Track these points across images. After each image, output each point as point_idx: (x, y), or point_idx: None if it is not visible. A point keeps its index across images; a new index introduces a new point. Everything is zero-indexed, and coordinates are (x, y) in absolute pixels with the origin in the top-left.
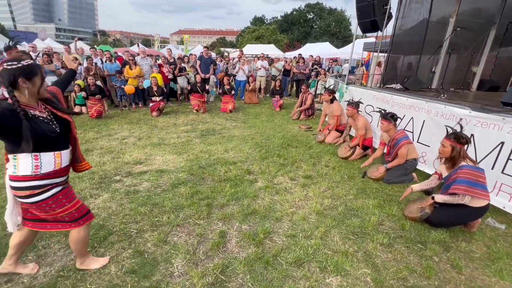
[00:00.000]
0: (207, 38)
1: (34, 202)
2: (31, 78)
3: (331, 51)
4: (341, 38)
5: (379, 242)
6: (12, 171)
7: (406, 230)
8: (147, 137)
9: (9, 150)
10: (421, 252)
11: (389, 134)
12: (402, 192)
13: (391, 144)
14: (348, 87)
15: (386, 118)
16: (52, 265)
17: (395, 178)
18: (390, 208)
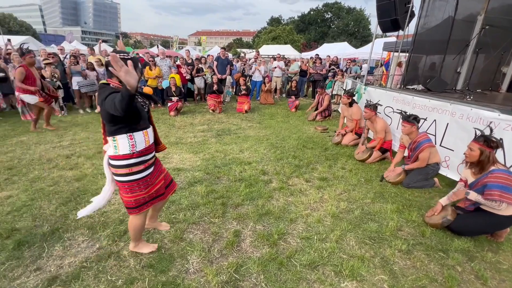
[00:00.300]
0: (224, 39)
1: (127, 181)
2: (137, 67)
3: (349, 51)
4: (359, 38)
5: (397, 248)
6: (113, 152)
7: (427, 237)
8: (165, 136)
9: (110, 133)
10: (443, 260)
11: (410, 137)
12: (423, 197)
13: (412, 147)
14: (366, 88)
15: (408, 120)
16: (76, 256)
17: (416, 182)
18: (409, 214)
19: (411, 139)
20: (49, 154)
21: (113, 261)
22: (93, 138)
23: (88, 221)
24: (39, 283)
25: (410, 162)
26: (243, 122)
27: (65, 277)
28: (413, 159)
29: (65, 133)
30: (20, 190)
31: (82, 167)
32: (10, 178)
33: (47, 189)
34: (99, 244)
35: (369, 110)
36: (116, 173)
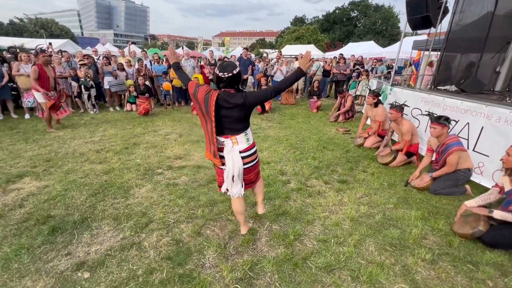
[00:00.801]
0: (247, 39)
1: (252, 165)
2: None
3: (375, 50)
4: (387, 37)
5: (421, 257)
6: (247, 144)
7: (454, 247)
8: (188, 134)
9: (242, 129)
10: (472, 273)
11: (439, 139)
12: (452, 205)
13: (440, 150)
14: (392, 88)
15: (439, 121)
16: (102, 244)
17: (444, 189)
18: (435, 222)
19: (439, 141)
20: (81, 149)
21: (134, 251)
22: (121, 134)
23: (113, 212)
24: (69, 266)
25: (437, 166)
26: (263, 122)
27: (91, 263)
28: (440, 163)
29: (96, 129)
30: (56, 180)
31: (110, 161)
32: (47, 169)
33: (78, 181)
34: (122, 235)
35: (395, 111)
36: (247, 161)
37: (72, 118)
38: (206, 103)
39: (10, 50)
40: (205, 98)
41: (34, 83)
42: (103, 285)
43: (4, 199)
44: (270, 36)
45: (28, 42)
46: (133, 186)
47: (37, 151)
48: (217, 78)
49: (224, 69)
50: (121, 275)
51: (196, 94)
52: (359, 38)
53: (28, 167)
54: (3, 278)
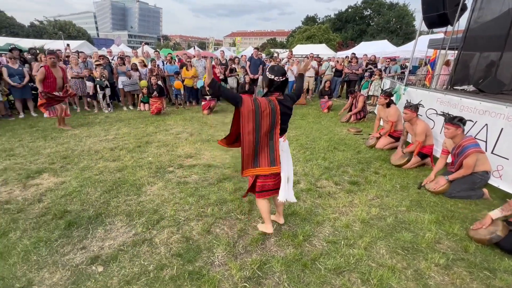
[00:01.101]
0: (258, 39)
1: None
2: None
3: (389, 49)
4: (402, 35)
5: (434, 262)
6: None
7: (470, 253)
8: (198, 133)
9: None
10: (488, 281)
11: (454, 141)
12: (468, 209)
13: (456, 152)
14: (406, 88)
15: (453, 122)
16: (115, 239)
17: (460, 192)
18: (450, 226)
19: (455, 143)
20: (96, 146)
21: (146, 247)
22: (134, 133)
23: (126, 208)
24: (84, 260)
25: (453, 169)
26: None
27: (105, 257)
28: (457, 165)
29: (110, 128)
30: (72, 177)
31: (123, 159)
32: (64, 166)
33: (93, 178)
34: (134, 231)
35: (410, 111)
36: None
37: (87, 116)
38: (273, 113)
39: (31, 51)
40: (272, 109)
41: (38, 83)
42: (116, 279)
43: (24, 193)
44: (281, 36)
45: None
46: (145, 184)
47: (55, 148)
48: (270, 81)
49: (278, 72)
50: (133, 270)
51: (259, 108)
52: (372, 37)
53: (47, 164)
54: (23, 269)
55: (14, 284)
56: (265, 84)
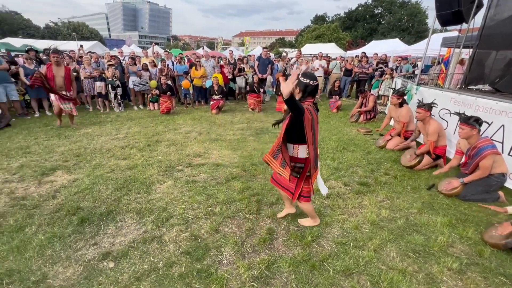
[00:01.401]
0: (267, 39)
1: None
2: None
3: (400, 48)
4: (413, 34)
5: (447, 266)
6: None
7: (485, 257)
8: (207, 132)
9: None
10: (504, 286)
11: (469, 141)
12: (483, 212)
13: (471, 153)
14: (418, 88)
15: (468, 122)
16: (126, 236)
17: (475, 195)
18: (464, 229)
19: (470, 144)
20: (107, 145)
21: (155, 244)
22: (144, 132)
23: (136, 206)
24: (96, 256)
25: (467, 170)
26: None
27: (116, 253)
28: (471, 167)
29: (121, 127)
30: (85, 174)
31: (134, 157)
32: (77, 164)
33: (105, 175)
34: (144, 228)
35: (423, 110)
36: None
37: (100, 116)
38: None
39: (46, 52)
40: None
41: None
42: (126, 275)
43: (39, 190)
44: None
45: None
46: (154, 182)
47: (68, 147)
48: (305, 86)
49: (312, 77)
50: (143, 266)
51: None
52: (383, 35)
53: (60, 161)
54: (38, 263)
55: (29, 277)
56: (299, 90)
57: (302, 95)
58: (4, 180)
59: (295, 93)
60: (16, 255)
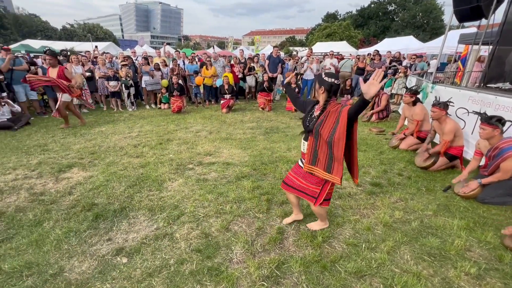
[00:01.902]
0: (277, 37)
1: None
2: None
3: (414, 45)
4: (428, 31)
5: (464, 270)
6: None
7: (505, 263)
8: (217, 131)
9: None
10: None
11: (490, 142)
12: (503, 215)
13: (492, 154)
14: (434, 86)
15: (490, 122)
16: (138, 233)
17: (494, 198)
18: (483, 233)
19: (491, 144)
20: (121, 143)
21: (167, 241)
22: (156, 130)
23: (148, 203)
24: (109, 251)
25: (486, 172)
26: (292, 120)
27: (129, 249)
28: (491, 169)
29: (134, 125)
30: (99, 172)
31: (146, 155)
32: (92, 161)
33: (118, 173)
34: (156, 225)
35: (439, 109)
36: None
37: (113, 114)
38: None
39: (62, 52)
40: None
41: None
42: (139, 271)
43: (56, 186)
44: (300, 34)
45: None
46: (166, 180)
47: (84, 144)
48: (330, 86)
49: (335, 76)
50: (155, 263)
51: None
52: (396, 33)
53: (76, 159)
54: (55, 257)
55: (47, 270)
56: (323, 89)
57: (328, 94)
58: (24, 176)
59: (319, 93)
60: (35, 248)
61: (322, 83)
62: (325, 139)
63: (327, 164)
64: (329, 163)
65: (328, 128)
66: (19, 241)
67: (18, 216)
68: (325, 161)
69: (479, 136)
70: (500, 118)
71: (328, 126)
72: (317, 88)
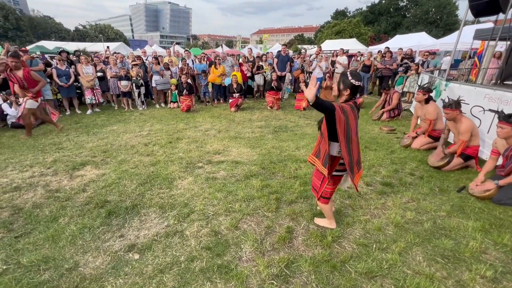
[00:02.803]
0: (285, 36)
1: None
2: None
3: (427, 42)
4: (442, 27)
5: (480, 273)
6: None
7: None
8: (226, 130)
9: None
10: None
11: (508, 141)
12: None
13: (509, 153)
14: (448, 84)
15: (509, 121)
16: (150, 230)
17: (511, 199)
18: (499, 235)
19: (509, 144)
20: (132, 142)
21: (177, 239)
22: (166, 129)
23: (159, 201)
24: (122, 247)
25: (503, 172)
26: (300, 119)
27: (140, 246)
28: (509, 168)
29: (144, 124)
30: (111, 170)
31: (156, 154)
32: (104, 159)
33: (130, 171)
34: (167, 222)
35: (451, 110)
36: None
37: (124, 114)
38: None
39: (76, 53)
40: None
41: None
42: (150, 267)
43: (71, 183)
44: (309, 32)
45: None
46: (176, 178)
47: (96, 143)
48: (353, 87)
49: (359, 77)
50: (166, 259)
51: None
52: (408, 29)
53: (89, 157)
54: (71, 252)
55: (63, 265)
56: (349, 91)
57: (349, 94)
58: (40, 174)
59: (343, 94)
60: (51, 243)
61: (344, 83)
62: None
63: (324, 158)
64: (327, 158)
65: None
66: (36, 236)
67: (35, 212)
68: (323, 156)
69: (496, 135)
70: None
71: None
72: (342, 89)
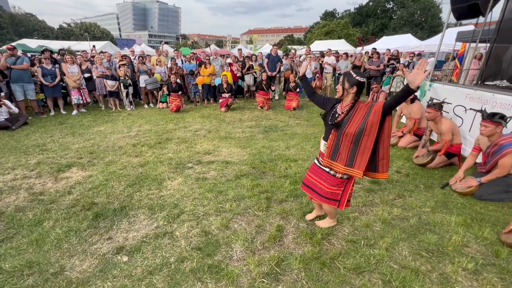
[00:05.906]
0: (275, 36)
1: None
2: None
3: (412, 43)
4: (427, 29)
5: (462, 266)
6: None
7: (502, 258)
8: (216, 130)
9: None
10: None
11: (490, 139)
12: (500, 212)
13: (491, 150)
14: (432, 84)
15: (493, 120)
16: (139, 231)
17: (492, 194)
18: (480, 229)
19: (491, 141)
20: (120, 142)
21: (167, 240)
22: (155, 130)
23: (148, 202)
24: (110, 250)
25: (484, 169)
26: (290, 119)
27: (129, 248)
28: (489, 165)
29: (132, 124)
30: (98, 171)
31: (145, 155)
32: (91, 160)
33: (117, 172)
34: (156, 224)
35: (433, 110)
36: None
37: (112, 114)
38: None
39: (60, 52)
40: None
41: None
42: (139, 269)
43: (56, 186)
44: (299, 32)
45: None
46: (165, 179)
47: (82, 144)
48: (360, 84)
49: (364, 75)
50: (155, 261)
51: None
52: (395, 31)
53: (75, 158)
54: (56, 256)
55: (48, 269)
56: (355, 89)
57: (357, 92)
58: (23, 176)
59: (349, 92)
60: (35, 248)
61: (353, 82)
62: (353, 133)
63: (348, 159)
64: (351, 158)
65: (356, 123)
66: (19, 240)
67: (18, 216)
68: (347, 156)
69: (480, 134)
70: (503, 115)
71: (355, 122)
72: (347, 87)
